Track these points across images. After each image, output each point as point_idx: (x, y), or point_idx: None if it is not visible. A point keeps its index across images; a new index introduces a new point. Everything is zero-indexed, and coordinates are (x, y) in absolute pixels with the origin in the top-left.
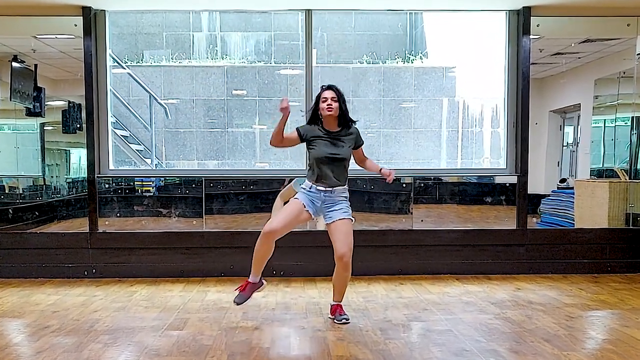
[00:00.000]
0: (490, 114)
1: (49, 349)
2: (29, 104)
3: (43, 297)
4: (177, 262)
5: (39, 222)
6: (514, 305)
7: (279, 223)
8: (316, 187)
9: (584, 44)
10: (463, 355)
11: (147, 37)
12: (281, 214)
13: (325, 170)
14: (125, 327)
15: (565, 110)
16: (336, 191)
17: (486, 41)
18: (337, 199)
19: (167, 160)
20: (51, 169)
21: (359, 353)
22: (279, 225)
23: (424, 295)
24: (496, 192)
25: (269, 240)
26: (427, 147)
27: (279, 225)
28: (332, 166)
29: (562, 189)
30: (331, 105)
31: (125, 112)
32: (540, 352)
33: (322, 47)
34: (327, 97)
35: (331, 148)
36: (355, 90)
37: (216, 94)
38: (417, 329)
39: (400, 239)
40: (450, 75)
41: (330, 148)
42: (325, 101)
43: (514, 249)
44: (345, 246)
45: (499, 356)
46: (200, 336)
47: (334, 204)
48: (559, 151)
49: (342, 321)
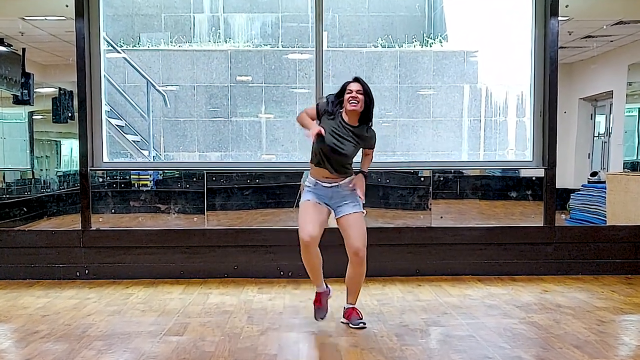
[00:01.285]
0: (516, 102)
1: (38, 355)
2: (16, 91)
3: (32, 299)
4: (176, 262)
5: (27, 219)
6: (540, 309)
7: (313, 227)
8: (321, 184)
9: (617, 25)
10: None
11: (144, 19)
12: (307, 217)
13: (324, 157)
14: (121, 333)
15: (597, 98)
16: (342, 185)
17: (511, 23)
18: (344, 193)
19: (165, 152)
20: (40, 162)
21: None
22: (314, 230)
23: (444, 298)
24: (522, 187)
25: (311, 249)
26: (447, 137)
27: (314, 230)
28: (332, 157)
29: (593, 183)
30: (356, 98)
31: (120, 99)
32: None
33: (334, 29)
34: (353, 90)
35: (338, 140)
36: (369, 76)
37: (219, 80)
38: (436, 335)
39: (417, 237)
40: (472, 60)
41: (338, 140)
42: (350, 93)
43: (541, 247)
44: (359, 240)
45: None
46: (201, 342)
47: (343, 198)
48: (589, 142)
49: (359, 325)
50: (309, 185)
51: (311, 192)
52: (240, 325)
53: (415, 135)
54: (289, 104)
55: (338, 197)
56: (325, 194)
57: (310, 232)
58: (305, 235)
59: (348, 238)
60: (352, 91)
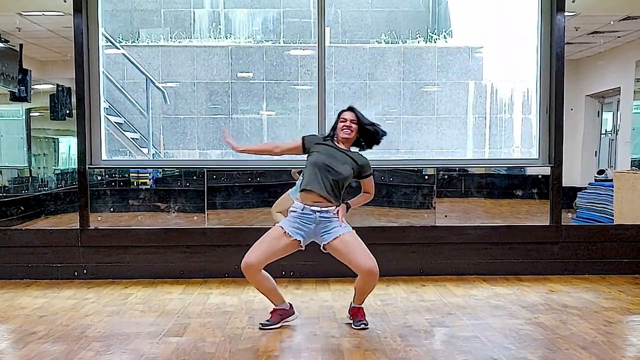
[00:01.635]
0: (521, 98)
1: (36, 357)
2: (13, 88)
3: (29, 300)
4: (176, 261)
5: (24, 218)
6: (547, 309)
7: (256, 257)
8: (309, 207)
9: (625, 21)
10: None
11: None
12: (260, 245)
13: (318, 176)
14: (120, 333)
15: (604, 94)
16: (331, 211)
17: (516, 18)
18: (333, 218)
19: (165, 149)
20: (38, 160)
21: None
22: (256, 260)
23: (448, 298)
24: (527, 185)
25: (252, 276)
26: (452, 135)
27: (256, 260)
28: (327, 177)
29: (600, 182)
30: (350, 127)
31: (119, 96)
32: None
33: (336, 25)
34: (347, 119)
35: (332, 160)
36: (372, 73)
37: (219, 76)
38: (440, 335)
39: (421, 236)
40: (477, 56)
41: (331, 160)
42: (344, 122)
43: (547, 247)
44: (368, 259)
45: None
46: (201, 343)
47: (330, 222)
48: (596, 140)
49: (361, 326)
50: (294, 210)
51: (293, 221)
52: (241, 326)
53: (419, 132)
54: (291, 100)
55: (325, 222)
56: (311, 220)
57: (249, 261)
58: (244, 260)
59: (355, 260)
60: (346, 120)
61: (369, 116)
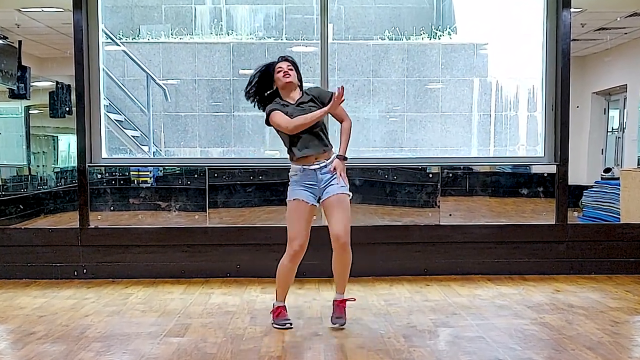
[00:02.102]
0: (527, 96)
1: (35, 357)
2: (12, 85)
3: (28, 300)
4: (177, 261)
5: (23, 217)
6: (552, 309)
7: (303, 237)
8: (308, 167)
9: (631, 17)
10: None
11: (144, 11)
12: (296, 225)
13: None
14: (120, 334)
15: (610, 92)
16: (328, 164)
17: (522, 15)
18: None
19: (166, 147)
20: (37, 158)
21: None
22: (304, 239)
23: (453, 298)
24: (533, 183)
25: (298, 259)
26: (456, 133)
27: (303, 240)
28: (310, 134)
29: (606, 180)
30: (288, 73)
31: (119, 94)
32: None
33: (339, 21)
34: (283, 67)
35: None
36: (375, 70)
37: (221, 73)
38: (444, 336)
39: (426, 235)
40: (481, 52)
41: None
42: (280, 71)
43: (552, 246)
44: (340, 224)
45: None
46: (203, 343)
47: (331, 177)
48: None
49: (337, 325)
50: (294, 174)
51: (298, 185)
52: (243, 326)
53: (424, 130)
54: None
55: (325, 179)
56: (312, 179)
57: (301, 243)
58: (296, 245)
59: (329, 221)
60: (282, 68)
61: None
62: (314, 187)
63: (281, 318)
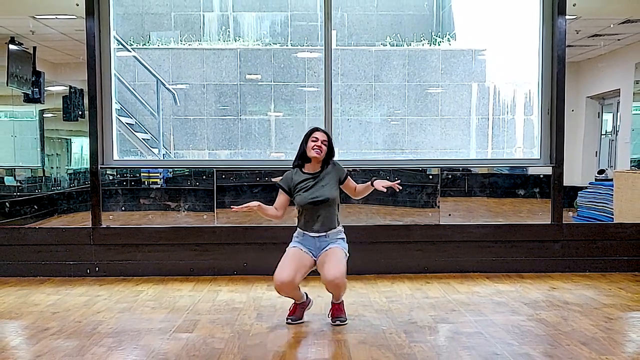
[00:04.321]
0: (523, 100)
1: (49, 352)
2: (27, 90)
3: (42, 297)
4: (186, 259)
5: (38, 217)
6: (548, 306)
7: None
8: (309, 234)
9: (624, 24)
10: (494, 359)
11: (154, 18)
12: (285, 261)
13: (312, 215)
14: (131, 330)
15: (604, 96)
16: (330, 235)
17: (518, 22)
18: (332, 240)
19: (175, 150)
20: (51, 160)
21: (382, 357)
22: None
23: (452, 295)
24: (529, 184)
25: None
26: (455, 135)
27: (288, 276)
28: (319, 210)
29: (600, 181)
30: (320, 147)
31: (130, 98)
32: (577, 356)
33: (342, 28)
34: (318, 138)
35: (312, 192)
36: (378, 75)
37: (228, 78)
38: (444, 332)
39: (426, 234)
40: (480, 58)
41: (312, 192)
42: (315, 141)
43: (548, 245)
44: (334, 268)
45: None
46: (211, 339)
47: (329, 244)
48: (596, 140)
49: (337, 323)
50: (297, 236)
51: (298, 242)
52: (249, 322)
53: (424, 133)
54: (298, 102)
55: (324, 246)
56: (313, 244)
57: (283, 278)
58: (277, 279)
59: (322, 271)
60: (317, 139)
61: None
62: (313, 250)
63: (289, 315)
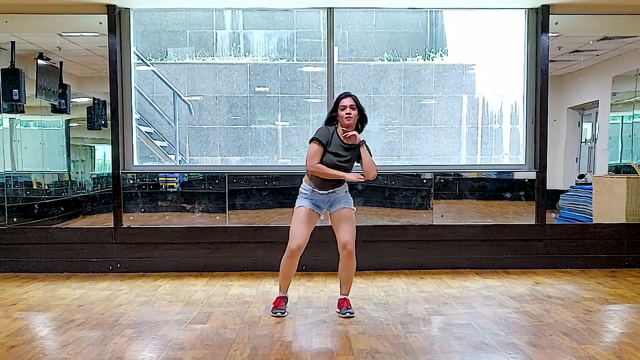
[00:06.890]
0: (510, 110)
1: (74, 342)
2: (54, 101)
3: (68, 291)
4: (200, 256)
5: (64, 218)
6: (532, 300)
7: (302, 239)
8: (318, 191)
9: (602, 41)
10: (482, 348)
11: (171, 35)
12: (298, 227)
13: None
14: (150, 321)
15: (584, 107)
16: (338, 190)
17: (505, 39)
18: (338, 196)
19: (190, 156)
20: (76, 165)
21: (380, 346)
22: (303, 240)
23: (444, 290)
24: (515, 188)
25: (296, 257)
26: (447, 143)
27: (303, 241)
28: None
29: (580, 185)
30: (350, 114)
31: (149, 108)
32: (559, 346)
33: (344, 44)
34: (346, 105)
35: (340, 156)
36: (376, 88)
37: (239, 90)
38: (437, 323)
39: (420, 233)
40: (470, 72)
41: (340, 156)
42: (344, 109)
43: (533, 243)
44: (347, 234)
45: (518, 349)
46: (223, 330)
47: (337, 199)
48: (577, 147)
49: (346, 314)
50: (304, 191)
51: (306, 199)
52: (258, 315)
53: (418, 141)
54: (303, 112)
55: (333, 199)
56: (320, 199)
57: (299, 243)
58: (293, 245)
59: (337, 231)
60: (345, 107)
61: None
62: (320, 203)
63: (275, 307)
